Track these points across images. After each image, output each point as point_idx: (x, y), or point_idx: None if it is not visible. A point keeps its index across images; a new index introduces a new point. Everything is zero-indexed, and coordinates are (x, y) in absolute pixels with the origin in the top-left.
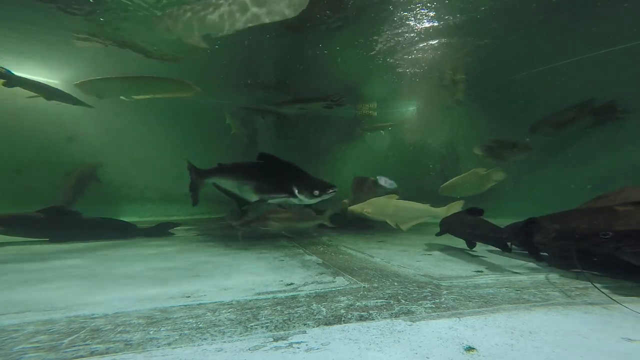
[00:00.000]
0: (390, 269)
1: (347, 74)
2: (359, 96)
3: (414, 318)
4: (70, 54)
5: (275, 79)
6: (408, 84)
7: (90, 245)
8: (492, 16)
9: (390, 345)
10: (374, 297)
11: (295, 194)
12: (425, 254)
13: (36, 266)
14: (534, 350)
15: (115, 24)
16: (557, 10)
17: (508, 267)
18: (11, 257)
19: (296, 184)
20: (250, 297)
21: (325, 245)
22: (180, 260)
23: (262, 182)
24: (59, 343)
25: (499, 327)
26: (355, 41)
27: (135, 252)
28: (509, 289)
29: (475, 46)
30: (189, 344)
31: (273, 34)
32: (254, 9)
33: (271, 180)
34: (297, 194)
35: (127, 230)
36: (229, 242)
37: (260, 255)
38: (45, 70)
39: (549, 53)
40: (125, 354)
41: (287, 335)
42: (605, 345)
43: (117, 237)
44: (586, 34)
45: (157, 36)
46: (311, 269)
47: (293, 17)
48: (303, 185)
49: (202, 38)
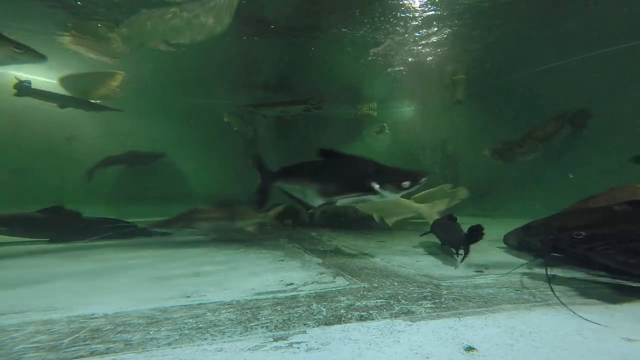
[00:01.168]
0: (390, 269)
1: (346, 74)
2: (359, 96)
3: (414, 318)
4: (71, 53)
5: (276, 80)
6: (408, 83)
7: (90, 245)
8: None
9: (390, 345)
10: (374, 297)
11: (375, 190)
12: (425, 254)
13: (36, 266)
14: (534, 350)
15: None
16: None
17: (508, 267)
18: (11, 257)
19: (375, 178)
20: (250, 297)
21: (325, 245)
22: (180, 259)
23: (328, 182)
24: (59, 343)
25: (499, 327)
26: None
27: (135, 252)
28: (509, 289)
29: (481, 41)
30: (189, 344)
31: (272, 39)
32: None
33: (340, 179)
34: (379, 189)
35: (126, 230)
36: (229, 242)
37: (260, 255)
38: (46, 71)
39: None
40: (125, 354)
41: (287, 335)
42: (605, 345)
43: (117, 236)
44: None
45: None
46: (311, 269)
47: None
48: (385, 178)
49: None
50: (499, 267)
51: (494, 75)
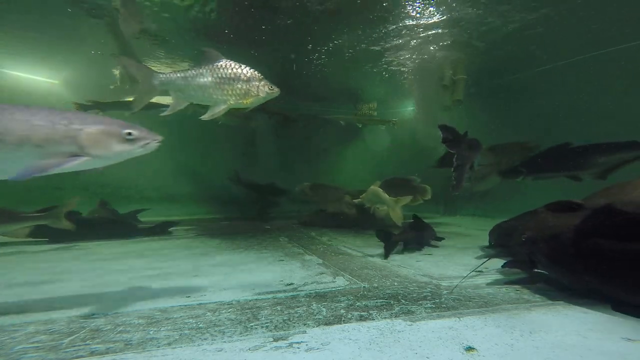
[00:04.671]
0: (390, 269)
1: (346, 75)
2: (359, 96)
3: (414, 318)
4: (70, 53)
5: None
6: (408, 83)
7: (89, 244)
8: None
9: (390, 345)
10: (374, 297)
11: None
12: (425, 254)
13: (36, 266)
14: (534, 350)
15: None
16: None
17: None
18: (11, 256)
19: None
20: (250, 297)
21: (325, 245)
22: (180, 259)
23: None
24: (59, 343)
25: (499, 327)
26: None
27: (135, 252)
28: (509, 289)
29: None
30: (189, 344)
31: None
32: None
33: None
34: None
35: (126, 230)
36: (229, 242)
37: (260, 255)
38: (45, 70)
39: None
40: (125, 354)
41: (287, 335)
42: (605, 345)
43: (117, 236)
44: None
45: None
46: (311, 268)
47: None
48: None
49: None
50: (499, 267)
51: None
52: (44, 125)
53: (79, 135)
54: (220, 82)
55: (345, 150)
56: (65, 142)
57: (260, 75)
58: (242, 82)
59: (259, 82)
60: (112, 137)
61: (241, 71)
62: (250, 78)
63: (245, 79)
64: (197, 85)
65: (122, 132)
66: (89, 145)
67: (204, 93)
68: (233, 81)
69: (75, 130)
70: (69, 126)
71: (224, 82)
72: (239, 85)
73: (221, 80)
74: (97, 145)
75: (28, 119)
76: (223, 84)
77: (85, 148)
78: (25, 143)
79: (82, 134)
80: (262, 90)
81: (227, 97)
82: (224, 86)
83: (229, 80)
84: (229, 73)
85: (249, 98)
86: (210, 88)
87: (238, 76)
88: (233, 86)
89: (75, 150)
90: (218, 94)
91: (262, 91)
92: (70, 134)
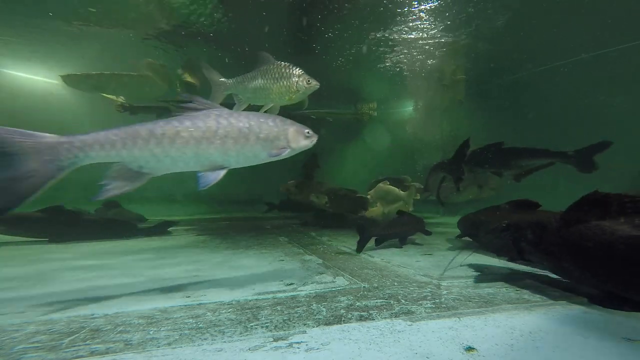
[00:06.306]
0: (390, 269)
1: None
2: (358, 96)
3: (414, 318)
4: (70, 53)
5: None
6: (409, 83)
7: (89, 244)
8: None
9: (390, 345)
10: (374, 297)
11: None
12: (425, 254)
13: (36, 266)
14: (534, 350)
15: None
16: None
17: (508, 267)
18: (11, 256)
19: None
20: (250, 297)
21: (325, 245)
22: (180, 259)
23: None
24: (59, 343)
25: (499, 327)
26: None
27: (134, 252)
28: (509, 289)
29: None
30: (189, 344)
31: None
32: None
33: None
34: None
35: (126, 230)
36: (229, 242)
37: (260, 255)
38: (45, 70)
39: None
40: (125, 354)
41: (287, 335)
42: (605, 345)
43: (117, 236)
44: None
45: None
46: (311, 268)
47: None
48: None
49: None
50: (499, 267)
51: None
52: (273, 126)
53: (288, 133)
54: (267, 82)
55: (345, 150)
56: (281, 137)
57: (300, 71)
58: (284, 79)
59: (298, 77)
60: (301, 134)
61: (283, 70)
62: (290, 75)
63: (286, 76)
64: (252, 88)
65: (305, 131)
66: (292, 139)
67: (255, 94)
68: (276, 80)
69: (286, 130)
70: (282, 127)
71: (270, 83)
72: (281, 83)
73: (267, 81)
74: (295, 140)
75: (265, 121)
76: (269, 84)
77: (290, 142)
78: (267, 139)
79: (290, 132)
80: (301, 85)
81: (273, 96)
82: (270, 86)
83: (273, 80)
84: (274, 73)
85: (292, 94)
86: (259, 89)
87: (281, 75)
88: (277, 85)
89: (284, 144)
90: (266, 93)
91: (301, 86)
92: (284, 132)
